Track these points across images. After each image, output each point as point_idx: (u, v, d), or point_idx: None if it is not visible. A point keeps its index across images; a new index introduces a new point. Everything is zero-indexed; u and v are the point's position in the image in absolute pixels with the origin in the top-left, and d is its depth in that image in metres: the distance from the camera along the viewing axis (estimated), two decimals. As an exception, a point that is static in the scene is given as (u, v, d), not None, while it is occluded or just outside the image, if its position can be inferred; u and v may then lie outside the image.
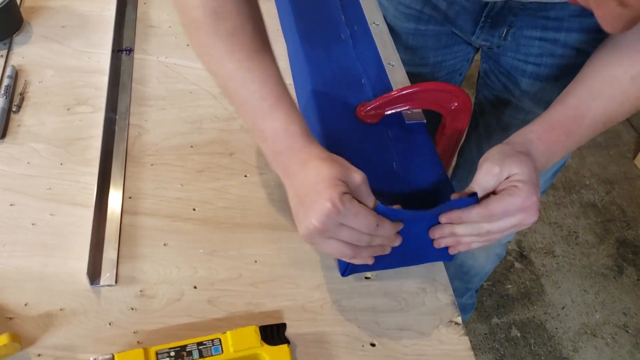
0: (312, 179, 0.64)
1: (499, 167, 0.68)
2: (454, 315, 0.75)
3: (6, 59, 0.96)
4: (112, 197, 0.80)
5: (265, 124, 0.69)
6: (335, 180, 0.62)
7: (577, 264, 2.03)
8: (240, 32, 0.70)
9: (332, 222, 0.62)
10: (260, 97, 0.69)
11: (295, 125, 0.69)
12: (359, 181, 0.64)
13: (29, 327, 0.68)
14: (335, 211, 0.61)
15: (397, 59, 1.00)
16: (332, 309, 0.74)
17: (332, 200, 0.61)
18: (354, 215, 0.62)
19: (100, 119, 0.88)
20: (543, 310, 1.91)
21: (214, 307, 0.72)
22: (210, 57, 0.72)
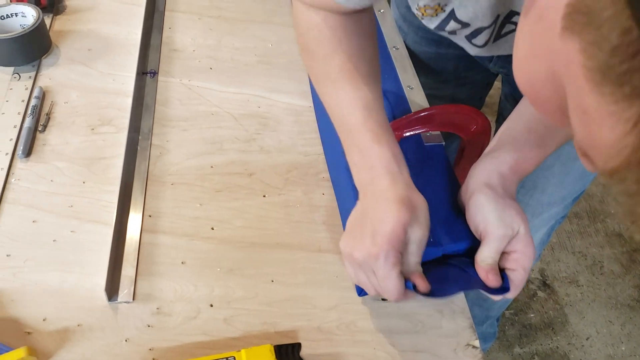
0: (377, 218, 0.66)
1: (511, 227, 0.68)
2: (471, 338, 0.74)
3: (34, 80, 0.99)
4: (132, 215, 0.82)
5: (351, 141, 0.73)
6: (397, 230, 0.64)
7: (602, 294, 1.99)
8: (336, 54, 0.74)
9: (368, 265, 0.65)
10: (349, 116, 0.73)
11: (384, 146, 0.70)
12: (416, 238, 0.66)
13: (46, 342, 0.69)
14: (375, 258, 0.64)
15: (416, 83, 1.00)
16: (348, 330, 0.73)
17: (379, 248, 0.63)
18: (383, 277, 0.64)
19: (122, 139, 0.89)
20: (567, 340, 1.88)
21: (230, 325, 0.72)
22: (314, 78, 0.79)
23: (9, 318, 0.70)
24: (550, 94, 0.41)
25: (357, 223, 0.69)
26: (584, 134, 0.38)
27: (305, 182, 0.88)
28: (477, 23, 0.72)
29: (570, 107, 0.38)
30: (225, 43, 1.11)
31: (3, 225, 0.79)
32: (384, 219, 0.65)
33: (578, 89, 0.36)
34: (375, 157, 0.70)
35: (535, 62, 0.42)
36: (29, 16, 1.01)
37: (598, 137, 0.36)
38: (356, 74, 0.74)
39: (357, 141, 0.72)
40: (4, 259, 0.76)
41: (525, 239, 0.69)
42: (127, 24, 1.12)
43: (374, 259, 0.64)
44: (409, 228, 0.65)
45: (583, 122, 0.37)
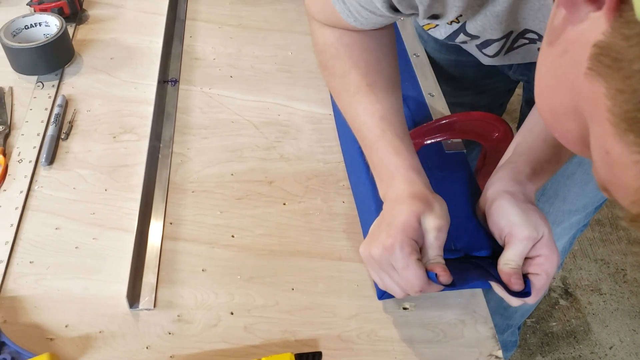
0: (392, 215, 0.67)
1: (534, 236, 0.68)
2: (494, 348, 0.73)
3: (57, 89, 1.00)
4: (153, 222, 0.82)
5: (371, 154, 0.75)
6: (410, 220, 0.64)
7: (625, 302, 1.97)
8: (353, 70, 0.77)
9: (385, 260, 0.65)
10: (367, 129, 0.75)
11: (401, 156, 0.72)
12: (431, 226, 0.65)
13: (68, 348, 0.69)
14: (390, 250, 0.63)
15: (437, 90, 1.00)
16: (369, 339, 0.73)
17: (394, 239, 0.64)
18: (402, 267, 0.64)
19: (144, 147, 0.90)
20: (589, 349, 1.85)
21: (250, 333, 0.72)
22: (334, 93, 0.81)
23: (31, 324, 0.71)
24: (573, 126, 0.41)
25: (375, 228, 0.70)
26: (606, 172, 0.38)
27: (325, 189, 0.88)
28: (486, 35, 0.72)
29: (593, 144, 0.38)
30: (245, 52, 1.11)
31: (26, 232, 0.80)
32: (397, 214, 0.66)
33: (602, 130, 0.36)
34: (393, 167, 0.71)
35: (558, 94, 0.42)
36: (52, 25, 1.03)
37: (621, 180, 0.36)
38: (374, 89, 0.76)
39: (376, 154, 0.74)
40: (27, 266, 0.76)
41: (549, 243, 0.68)
42: (149, 33, 1.13)
43: (389, 251, 0.64)
44: (423, 218, 0.65)
45: (606, 161, 0.37)
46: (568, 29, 0.39)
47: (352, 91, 0.77)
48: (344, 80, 0.78)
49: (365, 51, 0.78)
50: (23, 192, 0.84)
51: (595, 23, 0.36)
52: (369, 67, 0.77)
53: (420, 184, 0.70)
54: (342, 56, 0.78)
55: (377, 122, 0.74)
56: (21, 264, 0.77)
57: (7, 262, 0.76)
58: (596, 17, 0.36)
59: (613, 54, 0.34)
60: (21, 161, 0.88)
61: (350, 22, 0.75)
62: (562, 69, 0.40)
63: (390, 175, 0.71)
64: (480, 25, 0.69)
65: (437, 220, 0.66)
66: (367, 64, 0.77)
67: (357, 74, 0.77)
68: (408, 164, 0.71)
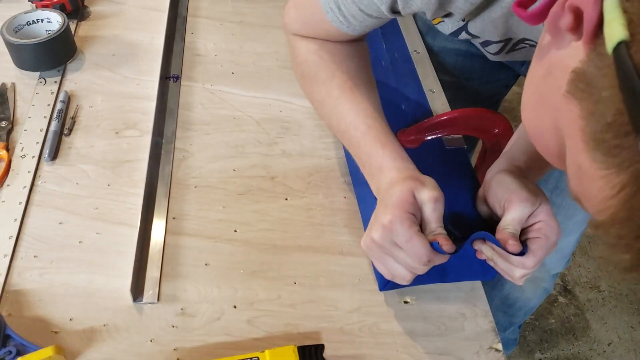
0: (386, 199, 0.67)
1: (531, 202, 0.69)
2: (494, 342, 0.74)
3: (59, 85, 1.00)
4: (156, 217, 0.82)
5: (359, 151, 0.76)
6: (405, 196, 0.65)
7: (624, 299, 1.97)
8: (337, 75, 0.80)
9: (387, 239, 0.65)
10: (354, 127, 0.76)
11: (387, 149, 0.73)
12: (427, 198, 0.66)
13: (73, 341, 0.70)
14: (390, 227, 0.64)
15: (437, 87, 1.01)
16: (371, 332, 0.73)
17: (392, 215, 0.64)
18: (405, 240, 0.64)
19: (146, 143, 0.90)
20: (588, 346, 1.86)
21: (253, 326, 0.73)
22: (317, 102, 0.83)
23: (36, 317, 0.71)
24: (552, 142, 0.46)
25: (372, 218, 0.70)
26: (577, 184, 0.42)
27: (327, 185, 0.89)
28: (486, 36, 0.76)
29: (567, 159, 0.43)
30: (246, 48, 1.12)
31: (30, 226, 0.80)
32: (391, 195, 0.67)
33: (575, 146, 0.40)
34: (381, 159, 0.73)
35: (541, 112, 0.46)
36: (54, 22, 1.03)
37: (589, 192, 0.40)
38: (356, 91, 0.79)
39: (364, 150, 0.75)
40: (31, 260, 0.77)
41: (548, 211, 0.69)
42: (151, 29, 1.13)
43: (389, 229, 0.64)
44: (417, 193, 0.66)
45: (577, 175, 0.42)
46: (552, 52, 0.44)
47: (336, 94, 0.79)
48: (328, 86, 0.80)
49: (346, 57, 0.82)
50: (26, 187, 0.84)
51: (575, 51, 0.40)
52: (350, 72, 0.81)
53: (409, 169, 0.71)
54: (325, 62, 0.81)
55: (362, 119, 0.76)
56: (25, 258, 0.77)
57: (11, 256, 0.77)
58: (576, 46, 0.40)
59: (587, 80, 0.38)
60: (24, 156, 0.88)
61: (342, 28, 0.77)
62: (545, 88, 0.45)
63: (379, 168, 0.73)
64: (479, 27, 0.73)
65: (431, 191, 0.66)
66: (349, 69, 0.81)
67: (341, 78, 0.80)
68: (395, 154, 0.73)
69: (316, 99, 0.84)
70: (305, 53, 0.83)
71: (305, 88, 0.86)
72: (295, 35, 0.85)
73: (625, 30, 0.35)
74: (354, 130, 0.77)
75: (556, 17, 0.43)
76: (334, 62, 0.81)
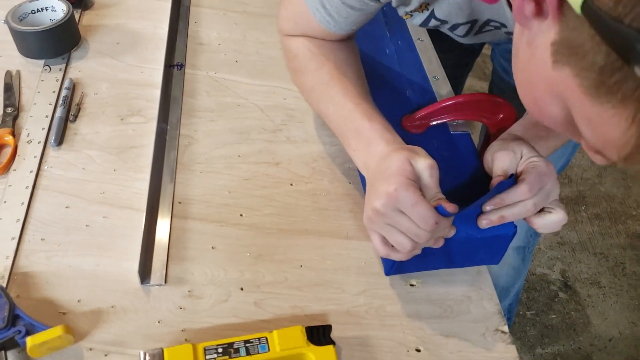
0: (382, 169, 0.68)
1: (512, 150, 0.72)
2: (500, 324, 0.74)
3: (64, 72, 1.00)
4: (162, 201, 0.82)
5: (346, 128, 0.78)
6: (403, 164, 0.66)
7: (624, 295, 1.98)
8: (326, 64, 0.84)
9: (391, 207, 0.65)
10: (342, 106, 0.79)
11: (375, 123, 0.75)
12: (424, 166, 0.67)
13: (81, 322, 0.70)
14: (395, 194, 0.64)
15: (441, 73, 1.01)
16: (377, 314, 0.74)
17: (394, 183, 0.64)
18: (411, 205, 0.64)
19: (151, 129, 0.90)
20: (589, 342, 1.86)
21: (260, 308, 0.73)
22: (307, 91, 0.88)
23: (44, 299, 0.71)
24: (556, 111, 0.50)
25: (369, 192, 0.70)
26: (593, 136, 0.47)
27: (332, 171, 0.89)
28: (453, 20, 0.79)
29: (577, 118, 0.48)
30: (250, 37, 1.12)
31: (37, 210, 0.81)
32: (388, 165, 0.68)
33: (580, 103, 0.45)
34: (369, 132, 0.75)
35: (534, 86, 0.51)
36: (58, 10, 1.03)
37: (607, 136, 0.45)
38: (344, 78, 0.82)
39: (351, 126, 0.77)
40: (39, 243, 0.77)
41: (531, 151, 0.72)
42: (154, 18, 1.13)
43: (394, 197, 0.64)
44: (413, 161, 0.67)
45: (590, 127, 0.46)
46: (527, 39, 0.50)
47: (326, 80, 0.82)
48: (318, 74, 0.84)
49: (335, 50, 0.86)
50: (33, 171, 0.84)
51: (547, 29, 0.46)
52: (339, 62, 0.84)
53: (397, 142, 0.73)
54: (315, 54, 0.85)
55: (350, 99, 0.79)
56: (32, 241, 0.77)
57: (18, 239, 0.77)
58: (546, 25, 0.46)
59: (568, 44, 0.44)
60: (30, 142, 0.88)
61: (329, 28, 0.82)
62: (533, 68, 0.50)
63: (367, 142, 0.74)
64: (446, 10, 0.77)
65: (427, 159, 0.67)
66: (337, 59, 0.85)
67: (330, 66, 0.83)
68: (383, 128, 0.75)
69: (306, 88, 0.87)
70: (296, 49, 0.87)
71: (297, 81, 0.90)
72: (287, 35, 0.89)
73: None
74: (341, 109, 0.79)
75: (520, 8, 0.48)
76: (323, 53, 0.85)
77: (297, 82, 0.90)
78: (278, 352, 0.66)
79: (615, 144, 0.45)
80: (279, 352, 0.66)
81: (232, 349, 0.65)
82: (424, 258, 0.72)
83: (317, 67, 0.84)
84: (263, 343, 0.66)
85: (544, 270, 2.03)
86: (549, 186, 0.71)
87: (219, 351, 0.65)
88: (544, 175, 0.70)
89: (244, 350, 0.66)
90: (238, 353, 0.65)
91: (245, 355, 0.65)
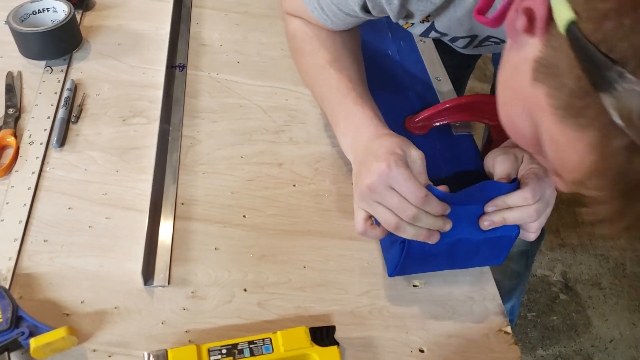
0: (374, 149, 0.70)
1: (514, 155, 0.73)
2: (503, 324, 0.74)
3: (66, 73, 1.00)
4: (165, 202, 0.82)
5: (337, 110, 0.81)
6: (395, 148, 0.68)
7: (625, 296, 1.98)
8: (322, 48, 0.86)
9: (383, 183, 0.66)
10: (336, 89, 0.81)
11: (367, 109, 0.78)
12: (416, 156, 0.69)
13: (84, 323, 0.70)
14: (387, 171, 0.65)
15: (443, 74, 1.01)
16: (381, 315, 0.74)
17: (386, 161, 0.66)
18: (403, 180, 0.65)
19: (153, 130, 0.90)
20: (590, 343, 1.86)
21: (264, 309, 0.73)
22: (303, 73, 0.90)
23: (47, 300, 0.71)
24: (527, 129, 0.52)
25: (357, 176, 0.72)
26: (555, 157, 0.49)
27: (334, 172, 0.89)
28: (453, 33, 0.81)
29: (543, 138, 0.49)
30: (251, 38, 1.12)
31: (39, 212, 0.80)
32: (380, 145, 0.69)
33: (548, 123, 0.47)
34: (359, 116, 0.77)
35: (513, 105, 0.53)
36: (59, 11, 1.03)
37: (566, 158, 0.47)
38: (340, 61, 0.85)
39: (342, 109, 0.80)
40: (41, 244, 0.77)
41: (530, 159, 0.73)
42: (155, 19, 1.13)
43: (386, 174, 0.66)
44: (405, 149, 0.69)
45: (554, 149, 0.48)
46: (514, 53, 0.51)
47: (321, 64, 0.85)
48: (314, 57, 0.86)
49: (331, 34, 0.87)
50: (35, 172, 0.84)
51: (533, 46, 0.47)
52: (335, 45, 0.86)
53: (386, 128, 0.75)
54: (310, 38, 0.87)
55: (344, 83, 0.81)
56: (35, 242, 0.77)
57: (21, 240, 0.77)
58: (533, 42, 0.47)
59: (547, 63, 0.46)
60: (32, 143, 0.88)
61: (327, 25, 0.84)
62: (514, 84, 0.51)
63: (358, 125, 0.77)
64: (446, 25, 0.78)
65: (416, 151, 0.69)
66: (334, 43, 0.86)
67: (325, 51, 0.85)
68: (374, 113, 0.78)
69: (303, 69, 0.90)
70: (294, 29, 0.90)
71: (295, 61, 0.92)
72: (288, 14, 0.91)
73: (571, 11, 0.41)
74: (336, 91, 0.81)
75: (512, 21, 0.49)
76: (319, 37, 0.87)
77: (295, 62, 0.92)
78: (282, 353, 0.66)
79: (571, 168, 0.47)
80: (283, 352, 0.66)
81: (236, 350, 0.65)
82: (428, 259, 0.72)
83: (312, 50, 0.87)
84: (267, 344, 0.66)
85: (544, 271, 2.03)
86: (547, 194, 0.71)
87: (223, 352, 0.65)
88: (543, 183, 0.70)
89: (248, 351, 0.66)
90: (242, 354, 0.65)
91: (249, 356, 0.65)
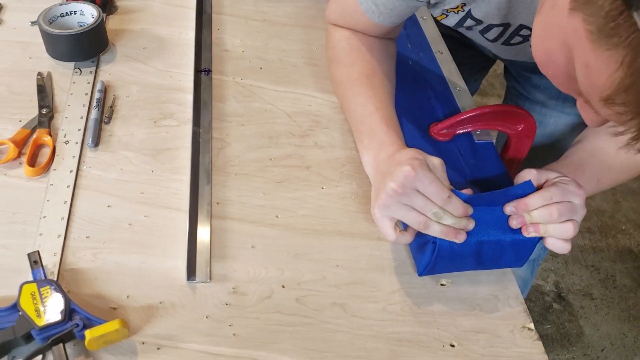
0: (396, 159, 0.74)
1: (536, 171, 0.76)
2: (526, 321, 0.78)
3: (95, 75, 1.02)
4: (201, 202, 0.84)
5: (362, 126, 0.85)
6: (416, 154, 0.72)
7: (615, 307, 2.03)
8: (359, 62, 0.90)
9: (409, 185, 0.70)
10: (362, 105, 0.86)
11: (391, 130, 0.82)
12: (437, 163, 0.73)
13: (131, 317, 0.71)
14: (413, 173, 0.69)
15: (462, 84, 1.05)
16: (412, 312, 0.76)
17: (411, 164, 0.70)
18: (429, 182, 0.69)
19: (184, 132, 0.93)
20: (582, 352, 1.91)
21: (302, 305, 0.75)
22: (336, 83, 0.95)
23: (94, 294, 0.73)
24: (561, 60, 0.54)
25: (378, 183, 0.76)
26: (586, 83, 0.52)
27: (360, 175, 0.92)
28: (489, 20, 0.83)
29: (577, 66, 0.52)
30: (272, 45, 1.15)
31: (79, 209, 0.82)
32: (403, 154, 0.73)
33: (582, 48, 0.49)
34: (384, 135, 0.81)
35: (549, 37, 0.56)
36: (87, 14, 1.05)
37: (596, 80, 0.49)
38: (373, 79, 0.89)
39: (368, 126, 0.84)
40: (84, 241, 0.79)
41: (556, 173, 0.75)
42: (178, 25, 1.16)
43: (411, 175, 0.69)
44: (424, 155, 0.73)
45: (586, 74, 0.51)
46: None
47: (354, 78, 0.89)
48: (349, 70, 0.90)
49: (373, 48, 0.92)
50: (72, 171, 0.86)
51: None
52: (372, 62, 0.90)
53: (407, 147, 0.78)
54: (351, 49, 0.92)
55: (373, 102, 0.85)
56: (78, 238, 0.79)
57: (64, 236, 0.78)
58: None
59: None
60: (67, 142, 0.90)
61: (373, 18, 0.86)
62: (551, 18, 0.54)
63: (381, 142, 0.81)
64: (484, 10, 0.81)
65: (437, 157, 0.73)
66: (371, 60, 0.91)
67: (361, 66, 0.90)
68: (397, 134, 0.82)
69: (336, 79, 0.94)
70: (336, 40, 0.94)
71: (330, 70, 0.96)
72: (332, 24, 0.94)
73: None
74: (362, 108, 0.86)
75: None
76: (360, 50, 0.91)
77: (330, 70, 0.96)
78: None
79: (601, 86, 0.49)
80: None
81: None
82: (456, 259, 0.76)
83: (350, 63, 0.91)
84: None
85: (538, 281, 2.08)
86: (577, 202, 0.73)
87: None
88: (570, 193, 0.73)
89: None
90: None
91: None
